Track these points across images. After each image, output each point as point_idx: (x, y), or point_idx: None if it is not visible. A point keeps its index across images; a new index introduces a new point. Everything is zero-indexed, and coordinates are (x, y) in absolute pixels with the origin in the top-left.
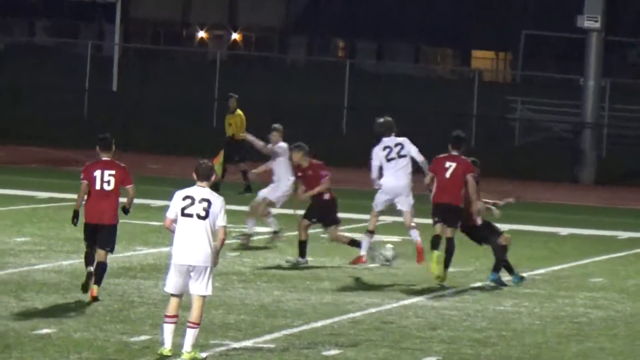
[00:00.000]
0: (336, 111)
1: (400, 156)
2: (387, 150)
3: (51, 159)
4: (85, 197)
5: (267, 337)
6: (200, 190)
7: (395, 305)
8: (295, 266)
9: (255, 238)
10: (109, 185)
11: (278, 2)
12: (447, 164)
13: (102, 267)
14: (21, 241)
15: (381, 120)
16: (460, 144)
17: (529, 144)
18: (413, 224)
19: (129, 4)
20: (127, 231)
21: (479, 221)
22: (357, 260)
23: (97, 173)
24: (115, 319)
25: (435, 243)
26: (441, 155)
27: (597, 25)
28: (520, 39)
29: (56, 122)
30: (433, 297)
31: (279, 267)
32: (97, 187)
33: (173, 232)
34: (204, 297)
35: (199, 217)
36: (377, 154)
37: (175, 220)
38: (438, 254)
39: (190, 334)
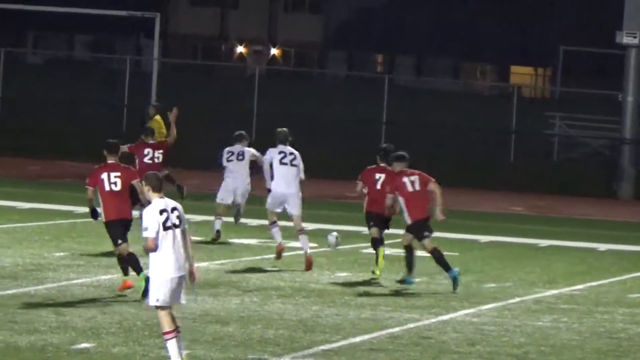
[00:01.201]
0: (375, 126)
1: (292, 165)
2: (282, 154)
3: (86, 173)
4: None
5: (306, 352)
6: (166, 201)
7: (433, 320)
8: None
9: (293, 253)
10: (116, 186)
11: (317, 17)
12: (377, 176)
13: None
14: (60, 256)
15: (278, 130)
16: (388, 156)
17: (568, 160)
18: (302, 228)
19: (167, 19)
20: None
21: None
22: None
23: (104, 176)
24: (154, 334)
25: (375, 242)
26: (370, 167)
27: (636, 41)
28: (559, 55)
29: (94, 137)
30: (472, 313)
31: (317, 281)
32: (107, 188)
33: (155, 250)
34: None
35: (175, 226)
36: (271, 152)
37: (157, 238)
38: (383, 250)
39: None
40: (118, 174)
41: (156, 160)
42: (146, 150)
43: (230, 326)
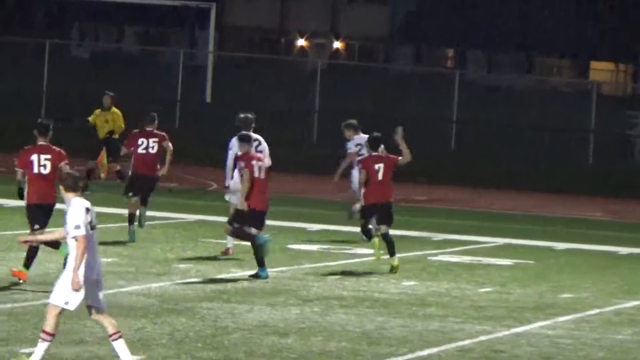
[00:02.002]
0: (444, 124)
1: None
2: None
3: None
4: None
5: None
6: (85, 200)
7: (506, 333)
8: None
9: (356, 260)
10: (45, 169)
11: (383, 9)
12: (377, 166)
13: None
14: (108, 262)
15: (241, 115)
16: (378, 144)
17: None
18: None
19: (223, 9)
20: (220, 252)
21: None
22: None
23: (34, 157)
24: (207, 346)
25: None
26: (368, 156)
27: None
28: None
29: None
30: (547, 325)
31: (382, 291)
32: (35, 171)
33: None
34: None
35: (93, 227)
36: (234, 143)
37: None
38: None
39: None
40: (48, 156)
41: (150, 150)
42: (140, 140)
43: (290, 338)
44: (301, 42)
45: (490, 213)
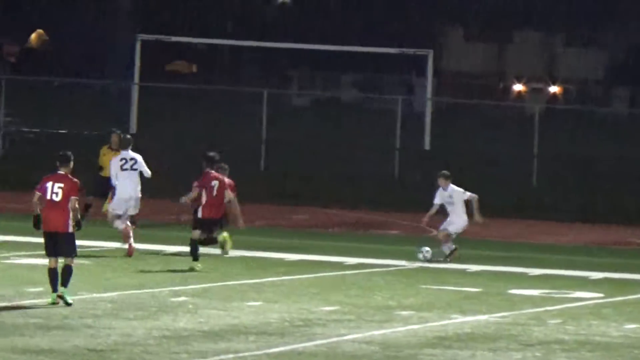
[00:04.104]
0: None
1: (132, 169)
2: (123, 161)
3: (359, 222)
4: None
5: None
6: None
7: None
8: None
9: (580, 304)
10: (57, 196)
11: (600, 52)
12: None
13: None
14: (329, 310)
15: (122, 136)
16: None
17: None
18: (135, 222)
19: (440, 55)
20: (441, 298)
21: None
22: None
23: (49, 185)
24: None
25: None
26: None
27: None
28: None
29: (363, 182)
30: None
31: (603, 334)
32: (47, 197)
33: None
34: None
35: None
36: (113, 163)
37: None
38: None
39: None
40: (61, 185)
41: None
42: (213, 182)
43: None
44: (518, 86)
45: None
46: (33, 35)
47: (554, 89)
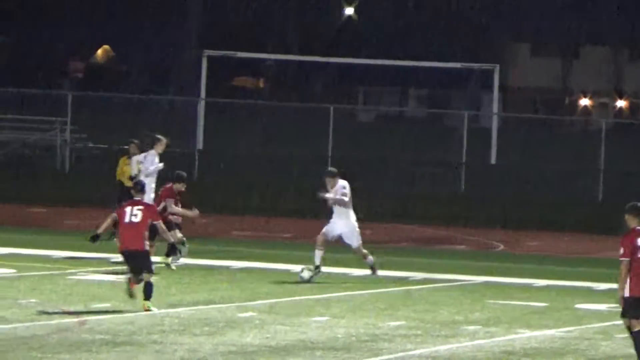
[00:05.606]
0: None
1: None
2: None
3: (425, 237)
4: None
5: None
6: None
7: None
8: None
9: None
10: (136, 217)
11: None
12: None
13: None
14: (395, 325)
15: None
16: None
17: None
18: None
19: (506, 70)
20: (507, 313)
21: None
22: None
23: (128, 209)
24: None
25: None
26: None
27: None
28: None
29: (429, 198)
30: None
31: None
32: (127, 220)
33: None
34: None
35: None
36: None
37: None
38: None
39: None
40: (141, 207)
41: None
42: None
43: None
44: (585, 101)
45: None
46: (99, 52)
47: (620, 103)
